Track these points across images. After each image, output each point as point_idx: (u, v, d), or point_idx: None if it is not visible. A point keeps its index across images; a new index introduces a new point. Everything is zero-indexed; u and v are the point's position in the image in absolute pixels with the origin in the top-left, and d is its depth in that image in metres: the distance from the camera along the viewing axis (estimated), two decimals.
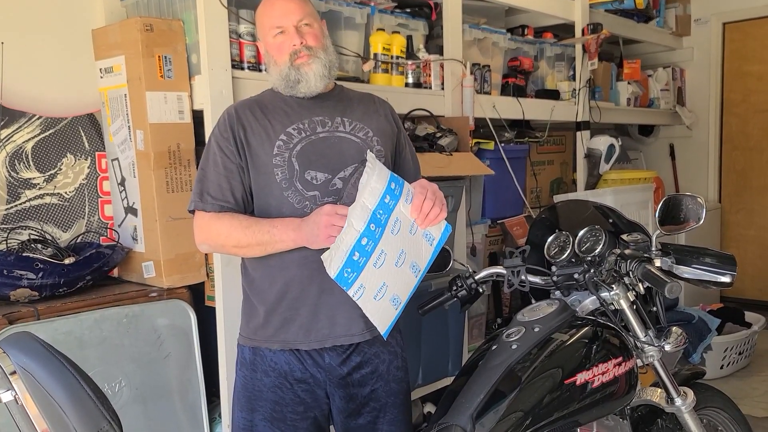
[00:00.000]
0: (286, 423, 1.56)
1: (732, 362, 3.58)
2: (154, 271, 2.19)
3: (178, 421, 2.14)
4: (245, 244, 1.49)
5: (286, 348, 1.55)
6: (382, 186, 1.40)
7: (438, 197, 1.46)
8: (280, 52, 1.57)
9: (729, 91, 4.82)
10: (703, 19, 4.79)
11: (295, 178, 1.52)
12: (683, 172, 4.95)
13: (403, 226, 1.42)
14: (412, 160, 1.75)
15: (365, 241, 1.38)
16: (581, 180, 3.69)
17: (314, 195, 1.52)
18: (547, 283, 1.65)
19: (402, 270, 1.43)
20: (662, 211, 1.57)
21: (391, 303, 1.44)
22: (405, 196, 1.43)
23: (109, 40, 2.21)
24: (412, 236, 1.44)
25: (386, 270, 1.41)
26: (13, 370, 0.95)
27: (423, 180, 1.51)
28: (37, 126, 2.24)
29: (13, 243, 2.11)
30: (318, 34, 1.59)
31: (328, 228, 1.40)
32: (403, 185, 1.44)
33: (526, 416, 1.34)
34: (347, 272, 1.38)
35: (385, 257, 1.41)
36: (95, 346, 1.98)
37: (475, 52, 3.06)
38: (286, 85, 1.58)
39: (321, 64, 1.56)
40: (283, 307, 1.55)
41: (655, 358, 1.62)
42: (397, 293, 1.44)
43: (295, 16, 1.56)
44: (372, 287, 1.41)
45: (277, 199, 1.52)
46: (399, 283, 1.44)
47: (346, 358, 1.56)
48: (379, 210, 1.39)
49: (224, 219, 1.51)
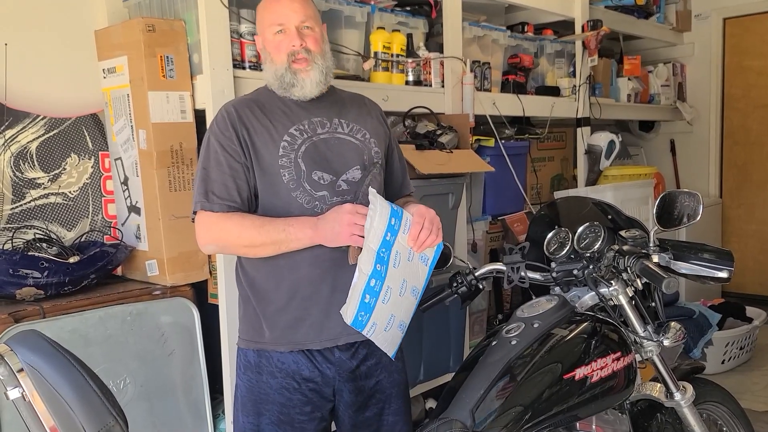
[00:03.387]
0: (293, 426, 1.56)
1: (733, 357, 3.59)
2: (157, 269, 2.21)
3: (182, 417, 2.16)
4: (259, 243, 1.47)
5: (295, 349, 1.54)
6: (384, 225, 1.42)
7: (434, 225, 1.48)
8: (278, 50, 1.56)
9: (730, 86, 4.82)
10: (703, 14, 4.78)
11: (303, 179, 1.52)
12: (684, 167, 4.95)
13: (402, 257, 1.46)
14: (399, 161, 1.76)
15: (374, 282, 1.43)
16: (582, 176, 3.70)
17: (323, 195, 1.53)
18: (546, 280, 1.66)
19: (405, 297, 1.49)
20: (660, 208, 1.58)
21: (399, 329, 1.51)
22: (403, 228, 1.45)
23: (112, 41, 2.23)
24: (410, 263, 1.48)
25: (392, 302, 1.46)
26: (20, 368, 0.96)
27: (422, 207, 1.50)
28: (42, 126, 2.25)
29: (19, 242, 2.13)
30: (318, 39, 1.58)
31: (350, 226, 1.41)
32: (401, 217, 1.46)
33: (525, 411, 1.36)
34: (361, 315, 1.44)
35: (391, 292, 1.45)
36: (100, 344, 2.00)
37: (475, 50, 3.07)
38: (280, 85, 1.57)
39: (318, 70, 1.56)
40: (292, 307, 1.54)
41: (654, 353, 1.63)
42: (402, 319, 1.51)
43: (298, 17, 1.55)
44: (382, 322, 1.46)
45: (283, 199, 1.52)
46: (403, 310, 1.50)
47: (355, 351, 1.58)
48: (382, 249, 1.42)
49: (234, 219, 1.48)
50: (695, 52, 4.84)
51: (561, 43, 3.61)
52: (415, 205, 1.54)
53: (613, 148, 3.65)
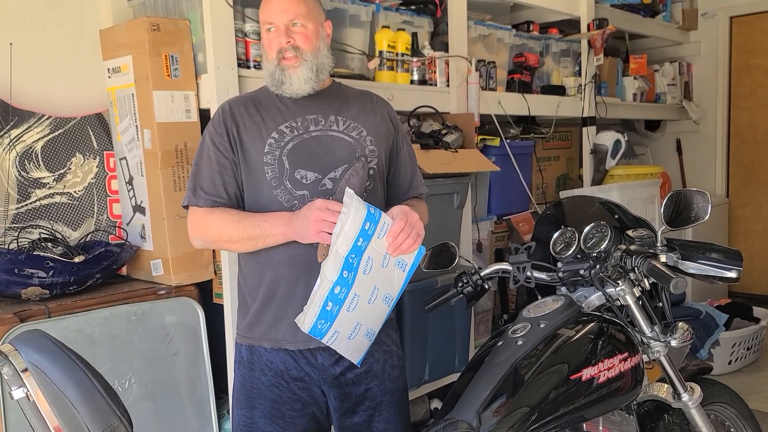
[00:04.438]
0: (285, 420, 1.57)
1: (740, 357, 3.57)
2: (162, 269, 2.21)
3: (187, 417, 2.16)
4: (236, 239, 1.50)
5: (276, 347, 1.56)
6: (356, 229, 1.36)
7: (415, 229, 1.43)
8: (269, 48, 1.58)
9: (736, 85, 4.79)
10: (710, 12, 4.76)
11: (285, 177, 1.52)
12: (690, 166, 4.93)
13: (375, 263, 1.40)
14: (409, 160, 1.73)
15: (338, 289, 1.38)
16: (587, 176, 3.69)
17: (303, 194, 1.52)
18: (552, 280, 1.65)
19: (375, 305, 1.44)
20: (668, 207, 1.57)
21: (365, 337, 1.47)
22: (378, 232, 1.40)
23: (117, 40, 2.23)
24: (384, 269, 1.42)
25: (359, 310, 1.42)
26: (24, 368, 0.96)
27: (406, 208, 1.46)
28: (47, 126, 2.26)
29: (24, 242, 2.13)
30: (310, 36, 1.57)
31: (318, 223, 1.39)
32: (378, 221, 1.39)
33: (531, 411, 1.35)
34: (321, 323, 1.39)
35: (359, 299, 1.41)
36: (105, 344, 2.00)
37: (480, 49, 3.06)
38: (272, 83, 1.58)
39: (307, 67, 1.55)
40: (273, 305, 1.55)
41: (661, 353, 1.62)
42: (370, 327, 1.46)
43: (287, 15, 1.55)
44: (346, 330, 1.42)
45: (266, 197, 1.53)
46: (372, 318, 1.46)
47: (339, 358, 1.55)
48: (351, 255, 1.37)
49: (215, 214, 1.51)
50: (702, 51, 4.82)
51: (566, 42, 3.59)
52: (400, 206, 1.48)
53: (618, 148, 3.64)
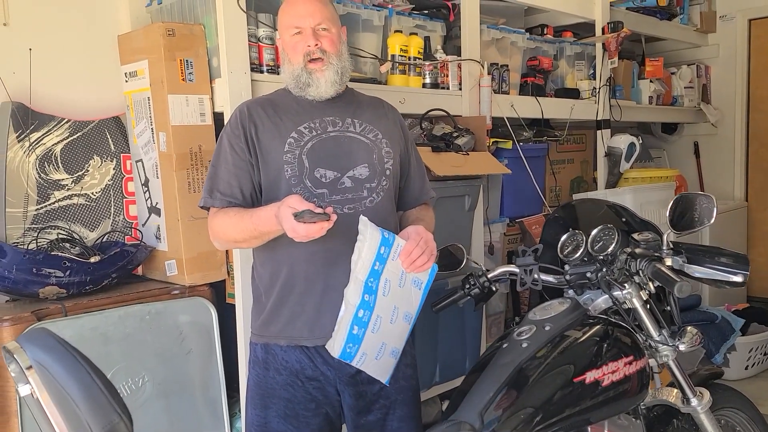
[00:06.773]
0: (298, 419, 1.59)
1: (757, 363, 3.53)
2: (176, 269, 2.25)
3: (199, 416, 2.19)
4: (241, 239, 1.53)
5: (292, 344, 1.58)
6: (372, 254, 1.42)
7: (429, 247, 1.49)
8: (294, 51, 1.60)
9: (755, 88, 4.73)
10: (728, 15, 4.70)
11: (305, 175, 1.55)
12: (708, 170, 4.87)
13: (393, 284, 1.46)
14: (418, 166, 1.77)
15: (362, 312, 1.43)
16: (602, 179, 3.67)
17: (322, 192, 1.55)
18: (560, 282, 1.65)
19: (396, 324, 1.48)
20: (673, 211, 1.56)
21: (391, 356, 1.51)
22: (393, 254, 1.45)
23: (134, 45, 2.27)
24: (402, 289, 1.47)
25: (383, 331, 1.46)
26: (29, 365, 0.99)
27: (420, 228, 1.52)
28: (66, 129, 2.31)
29: (43, 242, 2.18)
30: (335, 40, 1.61)
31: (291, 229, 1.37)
32: (392, 244, 1.45)
33: (535, 413, 1.36)
34: (349, 347, 1.44)
35: (381, 320, 1.45)
36: (119, 342, 2.03)
37: (494, 52, 3.06)
38: (296, 85, 1.61)
39: (333, 70, 1.59)
40: (291, 301, 1.58)
41: (669, 357, 1.62)
42: (395, 346, 1.51)
43: (314, 19, 1.59)
44: (373, 351, 1.47)
45: (285, 195, 1.53)
46: (395, 337, 1.50)
47: None
48: (370, 279, 1.43)
49: (220, 215, 1.55)
50: (720, 54, 4.76)
51: (581, 45, 3.58)
52: (414, 226, 1.53)
53: (633, 151, 3.62)
